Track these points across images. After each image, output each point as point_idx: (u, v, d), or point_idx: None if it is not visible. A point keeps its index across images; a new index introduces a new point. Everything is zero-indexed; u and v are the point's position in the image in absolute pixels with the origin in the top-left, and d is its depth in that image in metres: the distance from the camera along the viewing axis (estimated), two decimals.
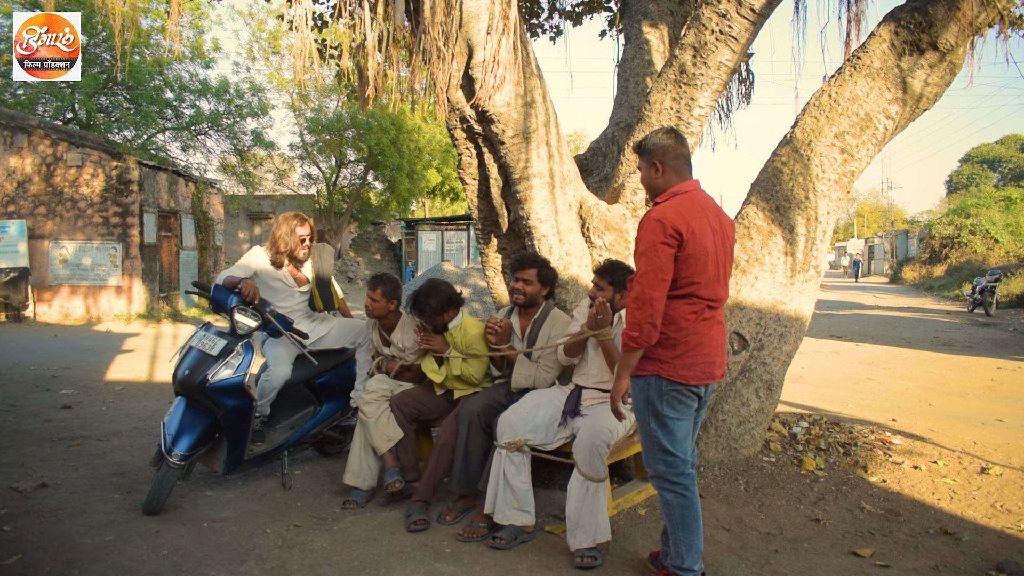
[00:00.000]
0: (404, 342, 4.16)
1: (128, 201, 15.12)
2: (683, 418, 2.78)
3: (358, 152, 26.56)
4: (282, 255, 4.25)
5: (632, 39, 5.57)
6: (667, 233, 2.63)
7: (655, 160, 2.82)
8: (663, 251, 2.62)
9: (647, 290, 2.62)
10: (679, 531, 2.81)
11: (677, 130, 2.92)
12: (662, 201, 2.78)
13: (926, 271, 30.19)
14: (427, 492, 3.73)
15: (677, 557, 2.83)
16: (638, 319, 2.63)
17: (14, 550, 3.21)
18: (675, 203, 2.72)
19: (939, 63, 4.19)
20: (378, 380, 4.10)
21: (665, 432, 2.77)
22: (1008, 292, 18.07)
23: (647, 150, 2.85)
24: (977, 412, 6.40)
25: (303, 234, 4.26)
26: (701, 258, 2.69)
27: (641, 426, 2.85)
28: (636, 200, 4.28)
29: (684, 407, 2.78)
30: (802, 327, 4.44)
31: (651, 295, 2.62)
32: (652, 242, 2.63)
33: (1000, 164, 56.24)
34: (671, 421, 2.76)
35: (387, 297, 4.15)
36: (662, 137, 2.84)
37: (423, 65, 3.69)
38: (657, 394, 2.75)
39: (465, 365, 3.92)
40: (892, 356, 10.18)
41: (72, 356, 9.60)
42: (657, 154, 2.82)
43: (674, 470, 2.79)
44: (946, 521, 3.67)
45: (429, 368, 3.99)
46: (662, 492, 2.84)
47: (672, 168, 2.81)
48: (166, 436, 3.66)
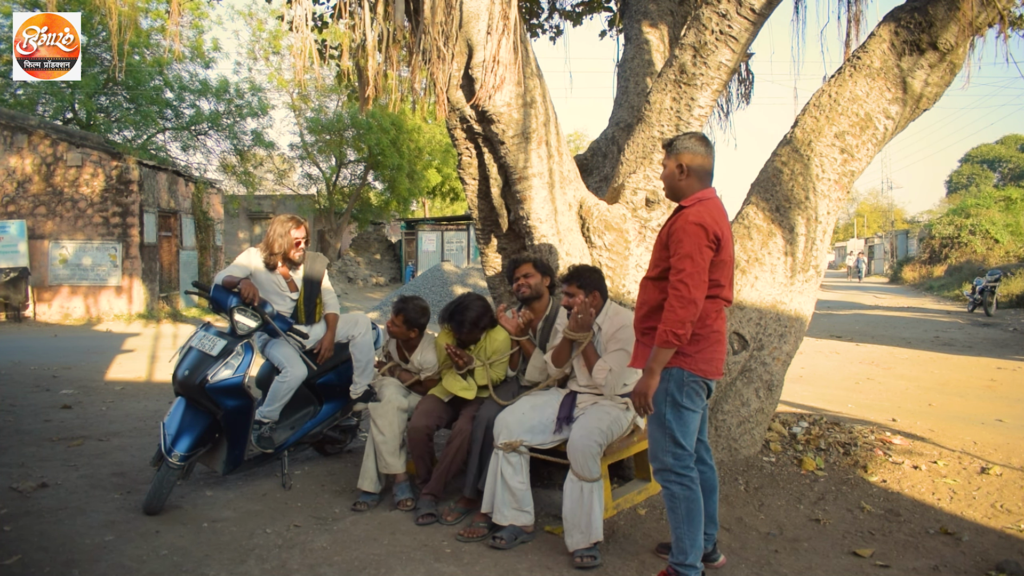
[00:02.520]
0: (423, 363, 4.21)
1: (128, 201, 15.12)
2: (697, 410, 2.89)
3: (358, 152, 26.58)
4: (276, 256, 4.24)
5: (632, 39, 5.57)
6: (709, 238, 2.76)
7: (682, 162, 2.91)
8: (707, 254, 2.75)
9: (693, 291, 2.72)
10: (684, 526, 2.85)
11: (708, 140, 3.00)
12: (689, 205, 2.87)
13: (926, 271, 30.19)
14: (438, 486, 3.76)
15: (680, 554, 2.86)
16: (683, 317, 2.71)
17: (14, 550, 3.21)
18: (707, 209, 2.83)
19: (939, 63, 4.19)
20: (393, 387, 4.09)
21: (680, 424, 2.86)
22: (1008, 292, 18.07)
23: (677, 150, 2.94)
24: (977, 412, 6.40)
25: (298, 236, 4.25)
26: (729, 262, 2.88)
27: (654, 418, 2.90)
28: (636, 200, 4.28)
29: (700, 399, 2.90)
30: (802, 327, 4.44)
31: (696, 295, 2.72)
32: (698, 245, 2.74)
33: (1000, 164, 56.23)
34: (687, 413, 2.86)
35: (408, 325, 4.16)
36: (694, 143, 2.93)
37: (423, 65, 3.69)
38: (678, 386, 2.84)
39: (491, 371, 3.92)
40: (892, 356, 10.18)
41: (72, 356, 9.60)
42: (686, 156, 2.91)
43: (681, 463, 2.86)
44: (946, 521, 3.67)
45: (459, 387, 3.91)
46: (669, 486, 2.88)
47: (696, 174, 2.91)
48: (166, 436, 3.66)
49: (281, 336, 4.12)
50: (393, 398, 3.99)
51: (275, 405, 4.12)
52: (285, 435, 4.26)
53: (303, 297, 4.33)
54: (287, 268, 4.32)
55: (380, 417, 3.92)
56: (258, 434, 4.07)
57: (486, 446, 3.65)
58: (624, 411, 3.51)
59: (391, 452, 3.88)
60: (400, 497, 3.84)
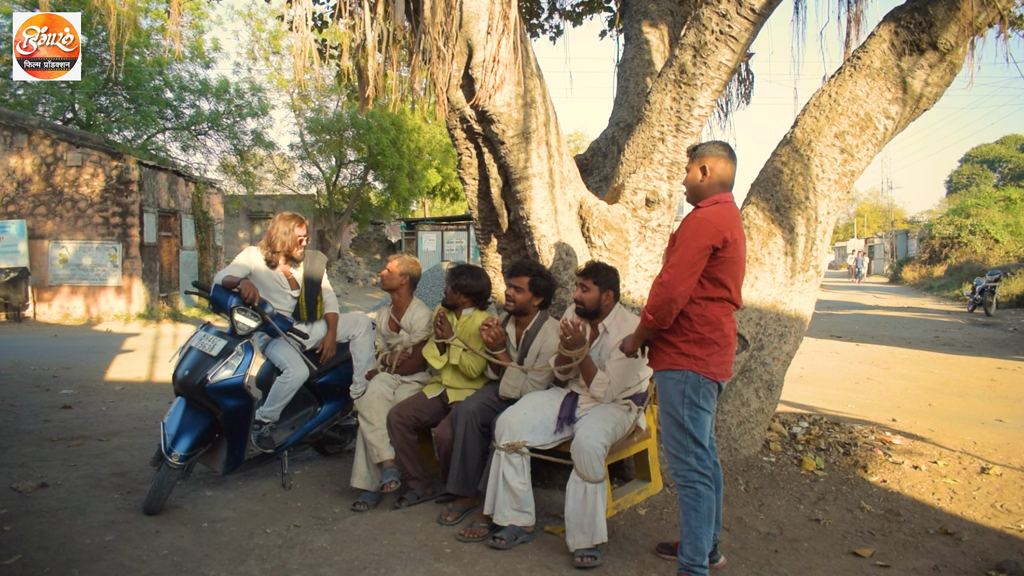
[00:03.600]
0: (413, 323, 4.29)
1: (128, 201, 15.12)
2: (711, 412, 2.95)
3: (358, 152, 26.56)
4: (278, 254, 4.26)
5: (632, 39, 5.56)
6: (711, 233, 2.78)
7: (706, 164, 2.96)
8: (703, 249, 2.79)
9: (675, 280, 2.78)
10: (704, 525, 2.88)
11: (732, 149, 3.05)
12: (704, 206, 2.92)
13: (926, 271, 30.17)
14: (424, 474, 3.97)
15: (698, 554, 2.88)
16: (658, 302, 2.80)
17: (14, 550, 3.21)
18: (719, 209, 2.88)
19: (939, 63, 4.19)
20: (378, 380, 4.13)
21: (697, 425, 2.90)
22: (1008, 292, 18.07)
23: (700, 153, 3.00)
24: (977, 412, 6.40)
25: (300, 234, 4.28)
26: (739, 263, 2.92)
27: (673, 422, 2.92)
28: (636, 200, 4.28)
29: (713, 400, 2.95)
30: (802, 327, 4.44)
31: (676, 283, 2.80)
32: (695, 237, 2.79)
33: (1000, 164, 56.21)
34: (703, 414, 2.91)
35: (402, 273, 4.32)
36: (718, 148, 3.00)
37: (423, 65, 3.69)
38: (694, 388, 2.89)
39: (465, 356, 3.95)
40: (892, 356, 10.18)
41: (72, 356, 9.60)
42: (709, 160, 2.96)
43: (703, 463, 2.92)
44: (946, 521, 3.67)
45: (431, 354, 4.08)
46: (694, 486, 2.90)
47: (718, 179, 2.96)
48: (166, 436, 3.65)
49: (281, 336, 4.13)
50: (377, 389, 4.05)
51: (276, 405, 4.13)
52: (285, 435, 4.26)
53: (304, 294, 4.35)
54: (288, 266, 4.33)
55: (366, 408, 3.98)
56: (258, 434, 4.08)
57: (467, 440, 3.67)
58: (627, 412, 3.52)
59: (380, 439, 3.91)
60: (385, 480, 3.86)
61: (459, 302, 4.09)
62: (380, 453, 3.90)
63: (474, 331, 4.00)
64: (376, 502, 3.91)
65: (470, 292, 4.07)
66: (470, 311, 4.10)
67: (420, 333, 4.27)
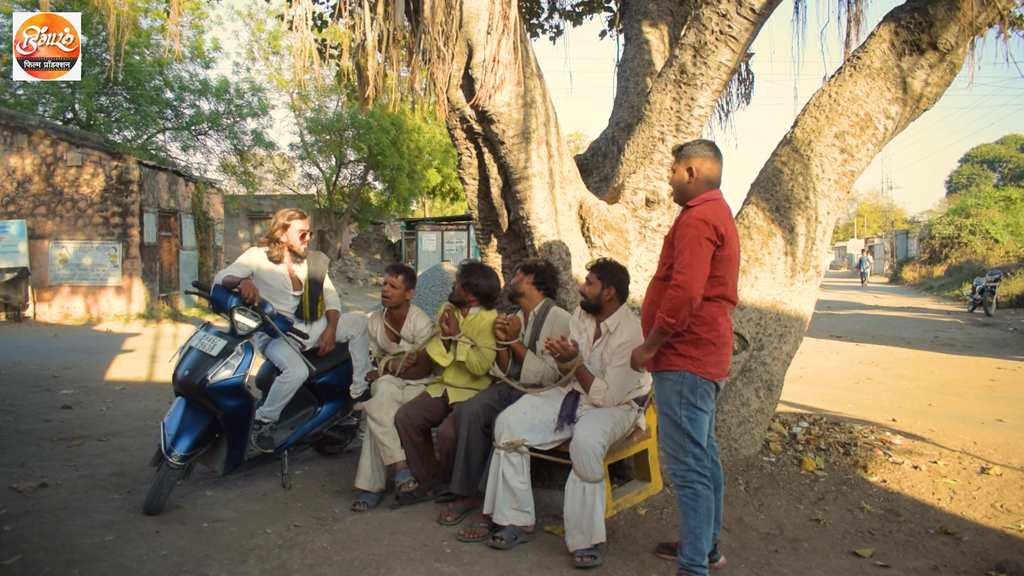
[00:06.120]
0: (416, 334, 4.26)
1: (128, 201, 15.11)
2: (708, 412, 2.96)
3: (358, 152, 26.56)
4: (281, 246, 4.27)
5: (632, 39, 5.57)
6: (711, 232, 2.80)
7: (691, 165, 2.97)
8: (707, 247, 2.80)
9: (691, 280, 2.77)
10: (704, 524, 2.89)
11: (718, 147, 3.05)
12: (695, 205, 2.93)
13: (926, 271, 30.17)
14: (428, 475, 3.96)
15: (697, 554, 2.88)
16: (677, 305, 2.77)
17: (14, 550, 3.21)
18: (712, 207, 2.89)
19: (939, 63, 4.19)
20: (387, 382, 4.10)
21: (695, 425, 2.90)
22: (1008, 292, 18.06)
23: (685, 154, 3.01)
24: (977, 412, 6.40)
25: (302, 228, 4.29)
26: (734, 260, 2.92)
27: (671, 422, 2.93)
28: (636, 200, 4.28)
29: (711, 400, 2.95)
30: (802, 327, 4.44)
31: (693, 283, 2.78)
32: (698, 237, 2.79)
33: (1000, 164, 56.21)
34: (701, 414, 2.91)
35: (407, 285, 4.28)
36: (703, 148, 3.00)
37: (423, 65, 3.69)
38: (691, 389, 2.89)
39: (471, 353, 3.94)
40: (892, 356, 10.18)
41: (72, 356, 9.60)
42: (695, 161, 2.97)
43: (701, 463, 2.92)
44: (946, 521, 3.67)
45: (436, 352, 4.07)
46: (693, 486, 2.90)
47: (704, 179, 2.96)
48: (166, 436, 3.65)
49: (281, 336, 4.13)
50: (387, 390, 4.02)
51: (276, 405, 4.13)
52: (285, 435, 4.26)
53: (307, 294, 4.35)
54: (293, 265, 4.33)
55: (376, 409, 3.95)
56: (258, 434, 4.08)
57: (470, 440, 3.66)
58: (627, 412, 3.52)
59: (392, 440, 3.89)
60: (401, 480, 3.84)
61: (467, 300, 4.09)
62: (392, 454, 3.88)
63: (481, 329, 3.99)
64: (376, 502, 3.91)
65: (479, 292, 4.07)
66: (477, 310, 4.10)
67: (424, 335, 4.25)
